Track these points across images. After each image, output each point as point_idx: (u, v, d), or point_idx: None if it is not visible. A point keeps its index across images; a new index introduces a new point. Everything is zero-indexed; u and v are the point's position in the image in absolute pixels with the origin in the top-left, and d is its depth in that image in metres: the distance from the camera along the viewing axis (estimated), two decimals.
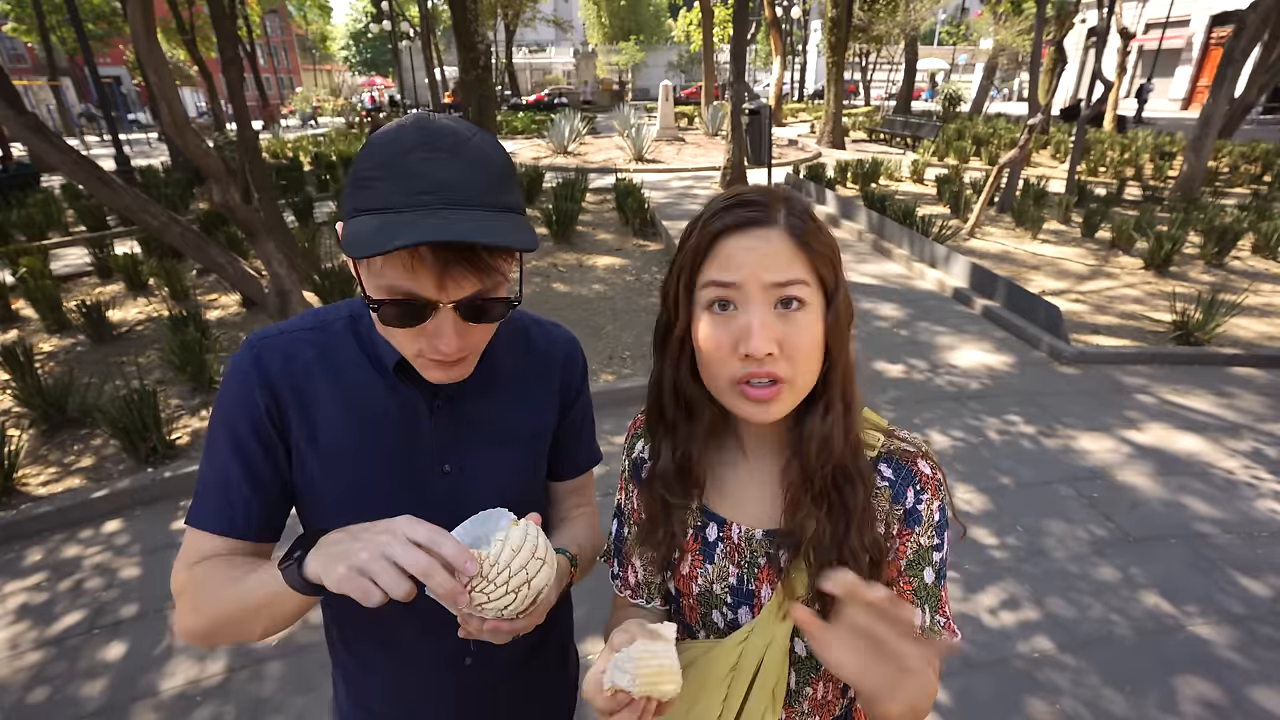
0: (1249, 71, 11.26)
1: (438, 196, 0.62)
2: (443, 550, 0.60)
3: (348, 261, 0.73)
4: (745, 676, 0.77)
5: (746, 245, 0.68)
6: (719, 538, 0.81)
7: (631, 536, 0.88)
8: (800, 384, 0.70)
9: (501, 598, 0.63)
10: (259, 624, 0.71)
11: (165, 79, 3.89)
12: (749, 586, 0.79)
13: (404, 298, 0.65)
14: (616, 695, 0.60)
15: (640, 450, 0.89)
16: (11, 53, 33.12)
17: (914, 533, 0.74)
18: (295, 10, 43.92)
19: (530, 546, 0.64)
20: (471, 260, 0.64)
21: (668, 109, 17.75)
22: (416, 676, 0.91)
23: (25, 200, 9.97)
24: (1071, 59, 26.93)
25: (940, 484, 0.75)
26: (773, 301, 0.68)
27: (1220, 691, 2.20)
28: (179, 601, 0.76)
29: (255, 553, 0.79)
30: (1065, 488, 3.31)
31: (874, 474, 0.75)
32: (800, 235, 0.68)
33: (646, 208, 8.35)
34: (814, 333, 0.69)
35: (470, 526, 0.71)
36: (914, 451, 0.76)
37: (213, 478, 0.77)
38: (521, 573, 0.63)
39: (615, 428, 3.87)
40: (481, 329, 0.73)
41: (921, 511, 0.74)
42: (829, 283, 0.70)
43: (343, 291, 5.33)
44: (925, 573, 0.74)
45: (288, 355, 0.79)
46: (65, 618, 2.56)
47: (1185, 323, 4.88)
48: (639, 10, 47.97)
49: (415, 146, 0.63)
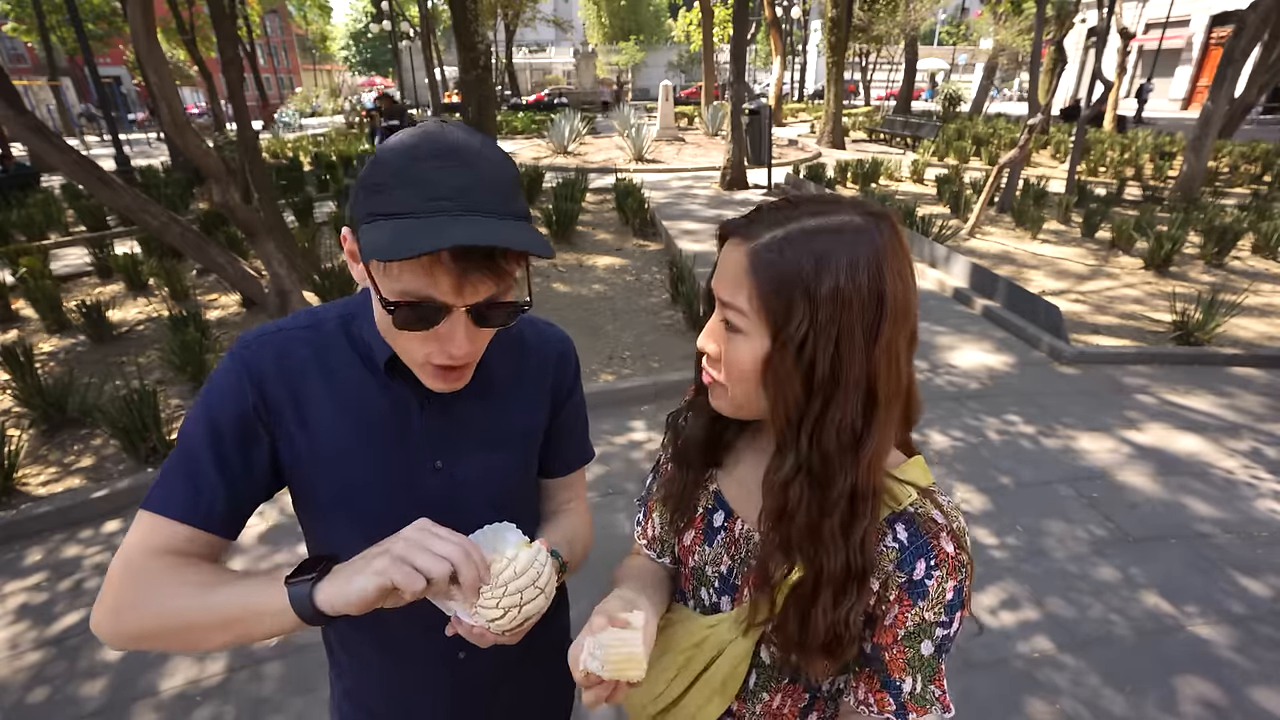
0: (1249, 71, 11.25)
1: (456, 203, 0.63)
2: (472, 551, 0.64)
3: (350, 263, 0.73)
4: (703, 658, 0.80)
5: (726, 254, 0.70)
6: (723, 526, 0.82)
7: (656, 493, 0.92)
8: (736, 396, 0.71)
9: (490, 610, 0.66)
10: (221, 638, 0.68)
11: (165, 79, 3.89)
12: (735, 580, 0.80)
13: (420, 301, 0.66)
14: (589, 675, 0.67)
15: (683, 422, 0.90)
16: (11, 53, 33.12)
17: (917, 606, 0.68)
18: (295, 10, 43.93)
19: (533, 575, 0.67)
20: (490, 266, 0.65)
21: (668, 109, 17.74)
22: (412, 673, 0.91)
23: (25, 200, 9.97)
24: (1071, 59, 26.94)
25: (962, 566, 0.68)
26: (723, 316, 0.70)
27: (1220, 692, 2.20)
28: (110, 592, 0.70)
29: (211, 549, 0.75)
30: (1065, 488, 3.31)
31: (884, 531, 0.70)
32: (758, 263, 0.64)
33: (646, 208, 8.35)
34: (741, 359, 0.68)
35: (481, 537, 0.73)
36: (941, 524, 0.69)
37: (180, 463, 0.74)
38: (516, 596, 0.66)
39: (615, 428, 3.87)
40: (488, 334, 0.74)
41: (930, 587, 0.68)
42: (776, 323, 0.64)
43: (343, 291, 5.33)
44: (923, 645, 0.69)
45: (281, 353, 0.79)
46: (65, 618, 2.56)
47: (1185, 323, 4.88)
48: (639, 10, 47.99)
49: (428, 156, 0.64)
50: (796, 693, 0.81)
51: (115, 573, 0.71)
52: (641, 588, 0.84)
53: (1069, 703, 2.17)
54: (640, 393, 4.20)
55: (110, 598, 0.70)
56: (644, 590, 0.83)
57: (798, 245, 0.63)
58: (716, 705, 0.80)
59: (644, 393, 4.20)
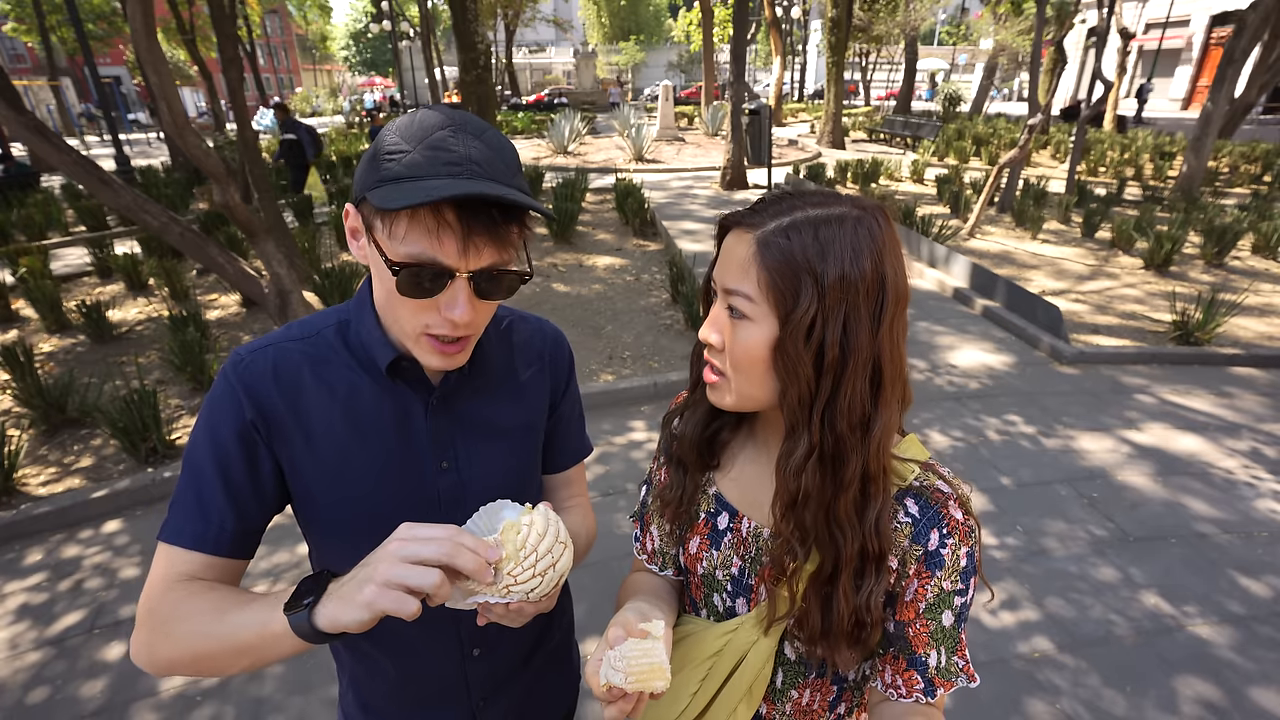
0: (1249, 71, 11.26)
1: (465, 169, 0.65)
2: (461, 540, 0.62)
3: (351, 242, 0.74)
4: (725, 665, 0.79)
5: (728, 245, 0.71)
6: (729, 527, 0.82)
7: (653, 504, 0.91)
8: (740, 387, 0.71)
9: (529, 580, 0.65)
10: (241, 663, 0.68)
11: (165, 79, 3.89)
12: (749, 580, 0.80)
13: (425, 264, 0.67)
14: (611, 690, 0.65)
15: (677, 424, 0.90)
16: (11, 53, 33.13)
17: (935, 576, 0.70)
18: (295, 10, 43.92)
19: (554, 532, 0.67)
20: (492, 229, 0.67)
21: (668, 109, 17.74)
22: (422, 674, 0.92)
23: (25, 200, 9.97)
24: (1071, 59, 26.95)
25: (971, 531, 0.71)
26: (727, 305, 0.70)
27: (1219, 692, 2.20)
28: (141, 625, 0.71)
29: (229, 573, 0.76)
30: (1065, 488, 3.31)
31: (895, 509, 0.72)
32: (765, 250, 0.66)
33: (646, 208, 8.35)
34: (750, 347, 0.68)
35: (479, 519, 0.73)
36: (947, 493, 0.72)
37: (188, 490, 0.75)
38: (548, 556, 0.65)
39: (615, 428, 3.87)
40: (487, 307, 0.75)
41: (945, 556, 0.70)
42: (784, 307, 0.66)
43: (343, 292, 5.33)
44: (944, 616, 0.71)
45: (276, 367, 0.78)
46: (65, 618, 2.56)
47: (1185, 323, 4.88)
48: (639, 10, 47.96)
49: (440, 126, 0.66)
50: (824, 686, 0.81)
51: (142, 606, 0.73)
52: (653, 601, 0.83)
53: (1069, 703, 2.17)
54: (640, 393, 4.20)
55: (143, 631, 0.71)
56: (655, 604, 0.83)
57: (803, 232, 0.65)
58: (744, 710, 0.80)
59: (644, 393, 4.20)
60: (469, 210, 0.65)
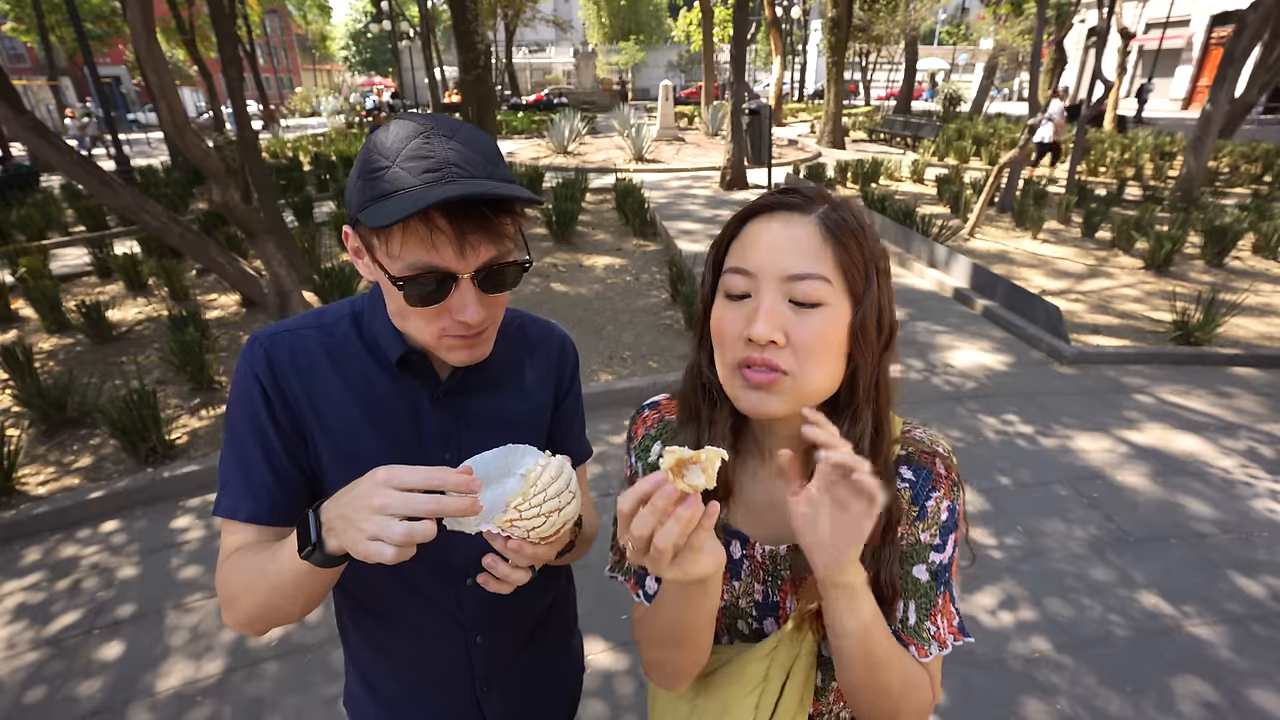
0: (1249, 71, 11.24)
1: (444, 172, 0.66)
2: (446, 480, 0.62)
3: (355, 261, 0.75)
4: (774, 688, 0.76)
5: (773, 229, 0.66)
6: (743, 556, 0.78)
7: None
8: (806, 383, 0.65)
9: (533, 519, 0.65)
10: (297, 604, 0.74)
11: (165, 79, 3.89)
12: (774, 599, 0.78)
13: (427, 272, 0.68)
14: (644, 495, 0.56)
15: (658, 453, 0.82)
16: (11, 53, 33.14)
17: (914, 527, 0.71)
18: (295, 10, 43.94)
19: (566, 479, 0.67)
20: (484, 226, 0.68)
21: (668, 109, 17.73)
22: (427, 656, 0.94)
23: (25, 200, 9.97)
24: (1071, 59, 26.92)
25: (955, 486, 0.72)
26: (787, 295, 0.64)
27: (1218, 692, 2.20)
28: (220, 594, 0.79)
29: (284, 535, 0.78)
30: (1064, 488, 3.31)
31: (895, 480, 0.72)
32: (833, 229, 0.65)
33: (646, 208, 8.34)
34: (828, 333, 0.64)
35: (495, 456, 0.73)
36: (929, 451, 0.73)
37: (235, 467, 0.80)
38: (555, 499, 0.66)
39: (614, 428, 3.87)
40: (497, 301, 0.76)
41: (929, 508, 0.71)
42: (857, 287, 0.65)
43: (343, 291, 5.33)
44: (916, 569, 0.71)
45: (294, 351, 0.82)
46: (63, 617, 2.56)
47: (1185, 323, 4.88)
48: (639, 10, 47.96)
49: (413, 135, 0.67)
50: None
51: (219, 574, 0.80)
52: None
53: (1067, 703, 2.17)
54: (640, 393, 4.20)
55: (223, 596, 0.79)
56: None
57: (848, 213, 0.67)
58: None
59: (643, 393, 4.20)
60: (458, 212, 0.66)
